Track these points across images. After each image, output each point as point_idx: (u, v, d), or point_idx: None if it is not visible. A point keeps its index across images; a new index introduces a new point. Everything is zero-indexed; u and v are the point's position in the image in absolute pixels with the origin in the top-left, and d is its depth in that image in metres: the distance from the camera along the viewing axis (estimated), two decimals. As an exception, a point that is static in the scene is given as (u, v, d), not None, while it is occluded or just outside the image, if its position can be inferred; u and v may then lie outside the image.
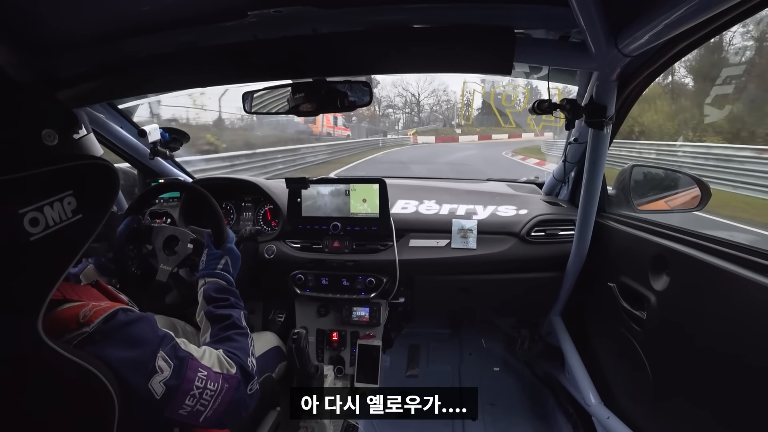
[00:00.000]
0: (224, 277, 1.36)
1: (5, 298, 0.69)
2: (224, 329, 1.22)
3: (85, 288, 0.98)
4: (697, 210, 1.59)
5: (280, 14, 1.20)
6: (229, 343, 1.17)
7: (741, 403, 1.03)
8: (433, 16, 1.26)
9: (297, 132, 19.19)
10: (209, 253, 1.41)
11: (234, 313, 1.26)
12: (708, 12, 0.83)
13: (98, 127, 1.95)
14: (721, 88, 8.80)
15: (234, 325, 1.24)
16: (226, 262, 1.40)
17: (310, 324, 2.15)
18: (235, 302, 1.31)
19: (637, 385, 1.48)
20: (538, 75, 1.68)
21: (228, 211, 2.29)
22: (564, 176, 2.12)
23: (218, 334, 1.21)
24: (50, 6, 1.13)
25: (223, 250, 1.42)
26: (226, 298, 1.30)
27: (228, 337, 1.19)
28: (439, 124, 36.56)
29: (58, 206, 0.73)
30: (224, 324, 1.23)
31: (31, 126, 0.78)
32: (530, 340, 2.40)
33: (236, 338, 1.20)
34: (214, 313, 1.25)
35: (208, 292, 1.30)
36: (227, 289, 1.34)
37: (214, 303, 1.28)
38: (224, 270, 1.38)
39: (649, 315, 1.40)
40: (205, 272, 1.36)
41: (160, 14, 1.26)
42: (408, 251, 2.00)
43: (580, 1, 0.96)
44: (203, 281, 1.34)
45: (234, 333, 1.21)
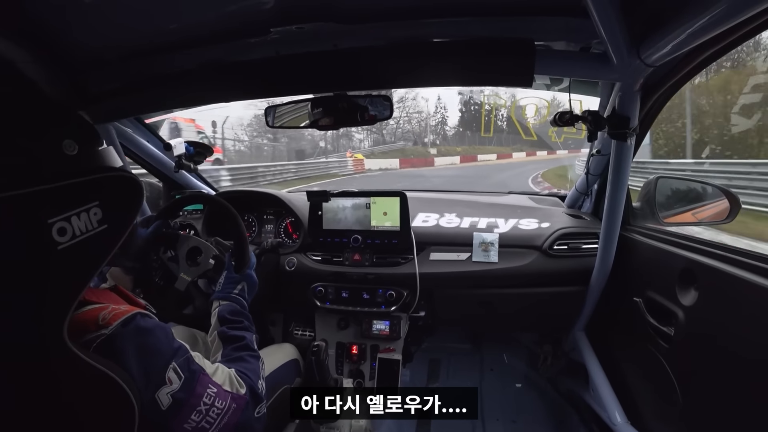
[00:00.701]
0: (239, 301, 1.37)
1: (33, 305, 0.71)
2: (237, 350, 1.22)
3: (105, 292, 1.00)
4: (726, 222, 1.54)
5: (302, 30, 1.23)
6: (241, 363, 1.16)
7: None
8: (452, 29, 1.27)
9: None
10: (227, 276, 1.42)
11: (247, 335, 1.27)
12: (732, 21, 0.82)
13: (125, 141, 2.01)
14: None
15: (247, 347, 1.24)
16: (243, 288, 1.41)
17: (330, 337, 2.14)
18: (249, 325, 1.32)
19: (665, 405, 1.43)
20: (559, 87, 1.67)
21: (250, 223, 2.32)
22: (587, 188, 2.09)
23: (231, 354, 1.21)
24: (82, 24, 1.19)
25: (242, 275, 1.43)
26: (240, 320, 1.30)
27: (241, 358, 1.19)
28: (408, 143, 30.76)
29: (84, 216, 0.75)
30: (237, 345, 1.23)
31: (54, 136, 0.80)
32: (553, 356, 2.35)
33: (249, 359, 1.20)
34: (228, 334, 1.25)
35: (222, 314, 1.30)
36: (241, 312, 1.34)
37: (228, 324, 1.28)
38: (240, 295, 1.38)
39: (677, 331, 1.35)
40: (221, 295, 1.37)
41: (186, 32, 1.30)
42: (429, 264, 1.99)
43: (600, 12, 0.96)
44: (218, 303, 1.35)
45: (247, 354, 1.21)
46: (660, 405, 1.50)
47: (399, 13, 1.21)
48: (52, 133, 0.81)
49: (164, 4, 1.13)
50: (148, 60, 1.44)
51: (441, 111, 18.91)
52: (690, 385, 1.32)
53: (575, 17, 1.13)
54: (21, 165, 0.74)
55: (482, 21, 1.22)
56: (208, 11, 1.18)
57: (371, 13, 1.22)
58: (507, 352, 2.68)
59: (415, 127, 30.84)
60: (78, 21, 1.17)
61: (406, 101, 31.74)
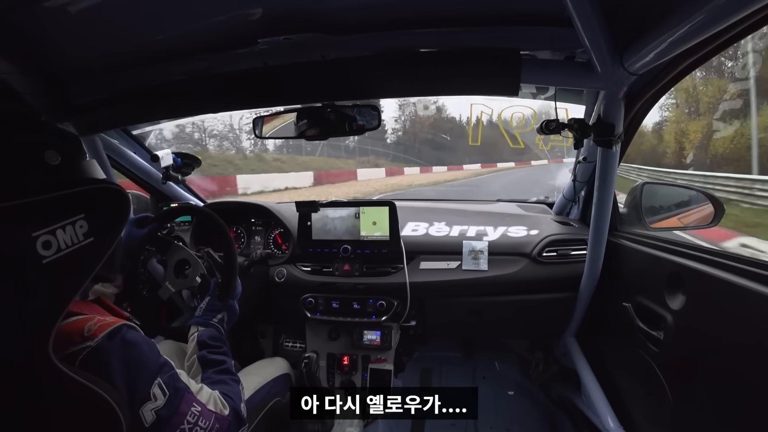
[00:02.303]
0: (218, 328, 1.35)
1: (18, 320, 0.70)
2: (218, 373, 1.21)
3: (89, 303, 0.99)
4: (711, 226, 1.57)
5: (289, 41, 1.24)
6: (224, 385, 1.15)
7: (766, 426, 1.00)
8: (439, 40, 1.28)
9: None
10: (210, 303, 1.40)
11: (227, 360, 1.26)
12: (711, 29, 0.84)
13: (112, 153, 1.99)
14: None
15: (228, 371, 1.23)
16: (223, 318, 1.39)
17: (321, 348, 2.13)
18: (227, 351, 1.31)
19: (656, 408, 1.44)
20: (545, 95, 1.69)
21: (239, 234, 2.30)
22: (574, 195, 2.11)
23: (212, 377, 1.19)
24: (67, 36, 1.18)
25: (224, 305, 1.41)
26: (219, 345, 1.29)
27: (222, 381, 1.18)
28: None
29: (70, 230, 0.74)
30: (219, 368, 1.22)
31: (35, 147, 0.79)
32: (545, 363, 2.35)
33: (230, 383, 1.19)
34: (208, 358, 1.24)
35: (202, 338, 1.28)
36: (220, 338, 1.33)
37: (208, 348, 1.27)
38: (219, 323, 1.37)
39: (666, 335, 1.37)
40: (201, 320, 1.35)
41: (174, 42, 1.30)
42: (419, 273, 1.99)
43: (584, 22, 0.98)
44: (196, 328, 1.33)
45: (228, 378, 1.20)
46: (651, 408, 1.51)
47: (386, 24, 1.22)
48: (34, 144, 0.80)
49: (151, 14, 1.13)
50: (135, 70, 1.43)
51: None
52: (680, 388, 1.32)
53: (560, 27, 1.15)
54: (3, 177, 0.73)
55: (468, 31, 1.23)
56: (196, 22, 1.18)
57: (358, 24, 1.23)
58: (499, 359, 2.68)
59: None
60: (63, 32, 1.16)
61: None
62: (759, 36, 7.77)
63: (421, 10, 1.17)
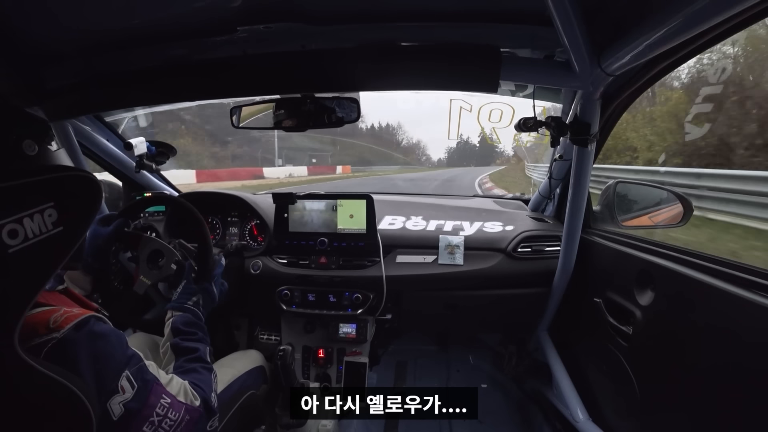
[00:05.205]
0: (194, 312, 1.34)
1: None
2: (190, 361, 1.19)
3: (55, 294, 0.96)
4: (679, 226, 1.61)
5: (269, 30, 1.21)
6: (194, 374, 1.14)
7: (727, 416, 1.04)
8: (421, 34, 1.28)
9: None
10: (185, 287, 1.40)
11: (201, 347, 1.24)
12: (687, 33, 0.86)
13: (84, 140, 1.93)
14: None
15: (200, 359, 1.21)
16: (198, 300, 1.38)
17: (296, 340, 2.12)
18: (203, 337, 1.29)
19: (624, 401, 1.49)
20: (524, 93, 1.71)
21: (214, 225, 2.27)
22: (549, 192, 2.14)
23: (184, 366, 1.18)
24: (37, 18, 1.13)
25: (199, 287, 1.41)
26: (194, 332, 1.28)
27: (194, 369, 1.17)
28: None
29: (38, 218, 0.71)
30: (190, 357, 1.21)
31: (14, 136, 0.77)
32: (518, 357, 2.40)
33: (201, 371, 1.17)
34: (181, 345, 1.23)
35: (176, 324, 1.27)
36: (196, 323, 1.31)
37: (182, 335, 1.25)
38: (195, 306, 1.36)
39: (635, 330, 1.41)
40: (175, 305, 1.34)
41: (149, 28, 1.26)
42: (395, 267, 1.99)
43: (564, 22, 0.99)
44: (171, 314, 1.32)
45: (200, 366, 1.19)
46: (620, 401, 1.55)
47: (367, 15, 1.21)
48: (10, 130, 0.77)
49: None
50: (109, 55, 1.39)
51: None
52: (647, 381, 1.37)
53: (540, 26, 1.16)
54: None
55: (450, 27, 1.23)
56: (173, 6, 1.14)
57: (339, 15, 1.21)
58: (472, 353, 2.71)
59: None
60: (33, 13, 1.11)
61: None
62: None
63: (403, 3, 1.16)
